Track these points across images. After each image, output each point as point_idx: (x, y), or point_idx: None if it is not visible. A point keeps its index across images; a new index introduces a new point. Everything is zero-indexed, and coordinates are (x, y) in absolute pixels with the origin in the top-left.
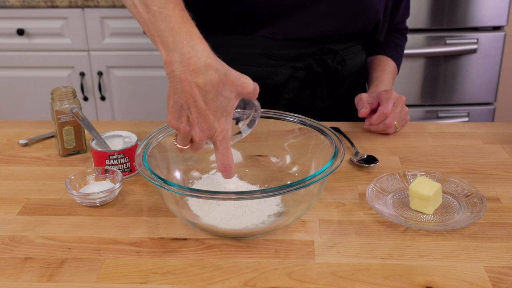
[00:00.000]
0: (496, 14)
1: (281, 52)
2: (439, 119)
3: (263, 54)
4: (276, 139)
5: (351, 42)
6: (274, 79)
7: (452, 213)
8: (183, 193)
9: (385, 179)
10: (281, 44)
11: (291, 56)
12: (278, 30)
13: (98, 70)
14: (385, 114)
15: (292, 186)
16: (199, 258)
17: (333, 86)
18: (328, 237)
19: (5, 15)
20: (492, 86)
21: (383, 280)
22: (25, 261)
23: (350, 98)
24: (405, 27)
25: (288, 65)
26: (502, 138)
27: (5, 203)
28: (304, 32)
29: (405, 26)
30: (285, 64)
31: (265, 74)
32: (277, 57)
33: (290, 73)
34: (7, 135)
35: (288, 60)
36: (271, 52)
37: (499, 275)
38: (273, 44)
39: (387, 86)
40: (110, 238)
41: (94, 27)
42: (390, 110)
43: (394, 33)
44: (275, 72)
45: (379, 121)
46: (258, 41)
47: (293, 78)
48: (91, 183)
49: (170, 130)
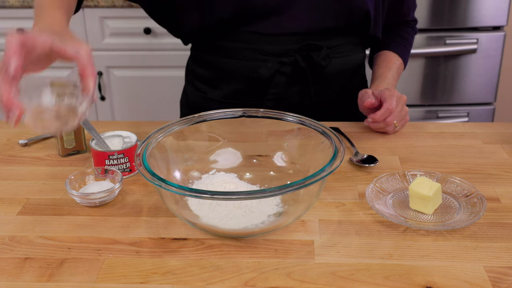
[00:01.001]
0: (496, 14)
1: (267, 47)
2: (439, 119)
3: (249, 48)
4: (276, 139)
5: (343, 39)
6: (259, 73)
7: (452, 213)
8: (183, 193)
9: (385, 179)
10: (268, 39)
11: (277, 51)
12: (264, 26)
13: (98, 70)
14: (389, 110)
15: (292, 186)
16: (199, 258)
17: (322, 83)
18: (328, 237)
19: (4, 15)
20: (492, 86)
21: (383, 280)
22: (24, 261)
23: (345, 98)
24: (413, 18)
25: (275, 60)
26: (502, 138)
27: (5, 203)
28: (290, 27)
29: (413, 18)
30: (272, 59)
31: (251, 68)
32: (264, 52)
33: (276, 68)
34: (7, 135)
35: (275, 55)
36: (257, 47)
37: (499, 275)
38: (259, 39)
39: (390, 84)
40: (109, 238)
41: (94, 27)
42: (394, 107)
43: (401, 26)
44: (261, 66)
45: (383, 117)
46: (245, 35)
47: (280, 73)
48: (91, 183)
49: (170, 130)
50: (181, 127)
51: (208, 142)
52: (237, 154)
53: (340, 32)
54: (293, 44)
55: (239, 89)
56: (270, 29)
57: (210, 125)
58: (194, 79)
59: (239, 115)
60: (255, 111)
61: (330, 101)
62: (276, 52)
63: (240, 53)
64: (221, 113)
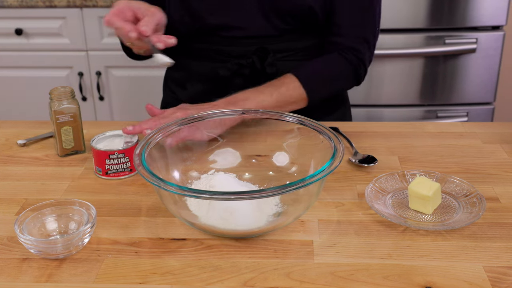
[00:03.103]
0: (495, 13)
1: (228, 49)
2: (438, 119)
3: (211, 49)
4: (275, 139)
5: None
6: (219, 74)
7: (451, 213)
8: (182, 193)
9: (384, 179)
10: (228, 41)
11: (236, 53)
12: (220, 28)
13: (97, 70)
14: None
15: (291, 186)
16: (198, 258)
17: None
18: (327, 237)
19: (3, 15)
20: (491, 86)
21: (383, 280)
22: (23, 262)
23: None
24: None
25: (234, 62)
26: (502, 138)
27: (4, 204)
28: (243, 32)
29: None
30: (231, 61)
31: (212, 69)
32: (224, 53)
33: (234, 69)
34: (6, 135)
35: (234, 56)
36: (217, 48)
37: (498, 275)
38: (218, 41)
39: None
40: (108, 238)
41: (92, 27)
42: None
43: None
44: (221, 67)
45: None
46: (207, 37)
47: (238, 74)
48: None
49: (169, 130)
50: (180, 127)
51: (207, 142)
52: (236, 154)
53: (298, 34)
54: (251, 46)
55: (203, 90)
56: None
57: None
58: (168, 80)
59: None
60: (254, 111)
61: None
62: (235, 54)
63: (203, 54)
64: (220, 113)
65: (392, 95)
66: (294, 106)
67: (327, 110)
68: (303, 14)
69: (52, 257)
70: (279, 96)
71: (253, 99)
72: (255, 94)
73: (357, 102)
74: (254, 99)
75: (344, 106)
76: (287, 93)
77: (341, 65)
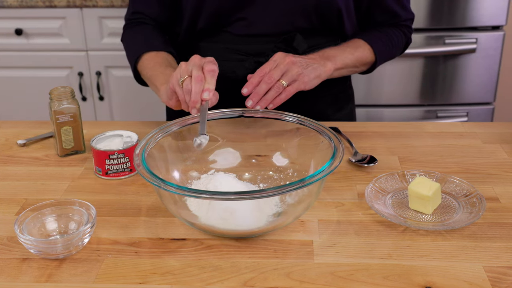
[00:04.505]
0: (495, 13)
1: (245, 47)
2: (438, 119)
3: (227, 48)
4: (275, 139)
5: (322, 39)
6: (236, 73)
7: (451, 213)
8: (181, 193)
9: (384, 179)
10: (245, 40)
11: (254, 51)
12: (238, 27)
13: (97, 70)
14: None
15: (291, 186)
16: (198, 258)
17: None
18: (327, 237)
19: (3, 15)
20: (491, 86)
21: (382, 280)
22: (23, 262)
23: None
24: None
25: (252, 60)
26: (501, 138)
27: (4, 204)
28: (263, 29)
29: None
30: (249, 59)
31: (230, 68)
32: (241, 52)
33: (253, 67)
34: (5, 135)
35: (252, 55)
36: (235, 47)
37: (498, 275)
38: (236, 40)
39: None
40: (108, 238)
41: (92, 27)
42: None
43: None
44: (239, 66)
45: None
46: (222, 36)
47: None
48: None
49: (168, 130)
50: (180, 127)
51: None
52: (236, 154)
53: (316, 32)
54: (269, 44)
55: (218, 89)
56: (244, 30)
57: (209, 125)
58: None
59: (238, 115)
60: (254, 111)
61: (308, 102)
62: (253, 52)
63: (218, 53)
64: (220, 113)
65: (392, 95)
66: (365, 67)
67: (338, 107)
68: (330, 13)
69: (52, 257)
70: (358, 56)
71: (339, 56)
72: (340, 52)
73: (357, 102)
74: (340, 56)
75: (352, 104)
76: (364, 54)
77: (399, 36)
